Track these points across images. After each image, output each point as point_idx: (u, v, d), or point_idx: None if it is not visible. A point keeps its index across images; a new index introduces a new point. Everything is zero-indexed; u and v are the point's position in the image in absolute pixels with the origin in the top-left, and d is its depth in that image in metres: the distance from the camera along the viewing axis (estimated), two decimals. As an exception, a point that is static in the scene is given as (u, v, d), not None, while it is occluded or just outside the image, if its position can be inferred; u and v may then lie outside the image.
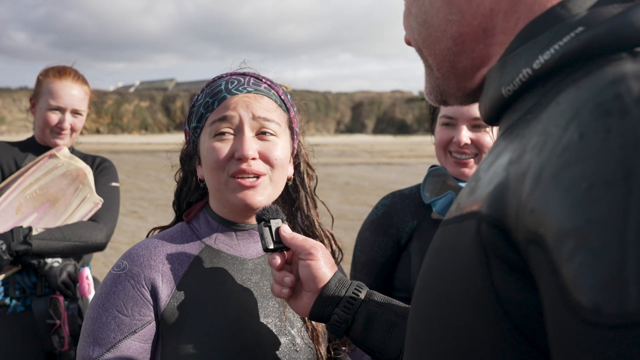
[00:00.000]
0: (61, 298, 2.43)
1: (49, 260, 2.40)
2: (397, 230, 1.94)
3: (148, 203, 14.26)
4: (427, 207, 1.95)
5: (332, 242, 1.40)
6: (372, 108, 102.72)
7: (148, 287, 1.20)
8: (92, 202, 2.54)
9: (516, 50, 0.67)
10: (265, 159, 1.25)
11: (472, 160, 1.88)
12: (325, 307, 1.12)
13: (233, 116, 1.24)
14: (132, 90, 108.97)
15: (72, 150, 2.71)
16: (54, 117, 2.54)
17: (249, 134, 1.24)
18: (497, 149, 0.65)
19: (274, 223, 1.18)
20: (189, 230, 1.32)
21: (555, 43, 0.62)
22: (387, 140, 74.28)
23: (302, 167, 1.40)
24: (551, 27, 0.64)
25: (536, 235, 0.49)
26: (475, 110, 1.82)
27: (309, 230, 1.38)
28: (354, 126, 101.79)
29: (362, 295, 1.14)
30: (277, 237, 1.17)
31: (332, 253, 1.38)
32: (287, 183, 1.35)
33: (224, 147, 1.23)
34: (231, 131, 1.24)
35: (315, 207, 1.42)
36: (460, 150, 1.87)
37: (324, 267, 1.14)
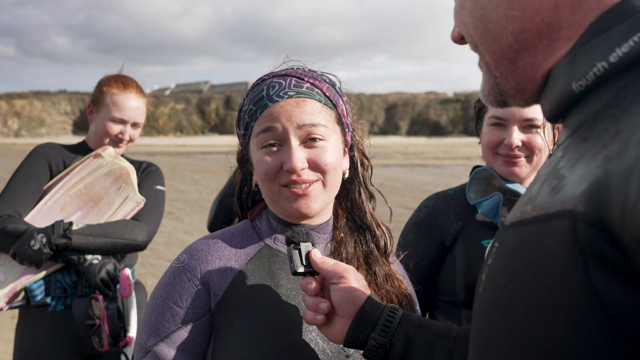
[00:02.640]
0: (100, 297, 2.42)
1: (88, 257, 2.41)
2: (441, 232, 1.90)
3: (184, 204, 14.41)
4: (472, 209, 1.91)
5: (385, 232, 1.39)
6: (406, 109, 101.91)
7: (203, 281, 1.22)
8: (134, 202, 2.56)
9: (588, 44, 0.64)
10: (315, 167, 1.23)
11: (523, 159, 1.82)
12: (361, 332, 1.08)
13: (276, 127, 1.21)
14: (167, 92, 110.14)
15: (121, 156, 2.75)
16: (116, 128, 2.63)
17: (294, 143, 1.21)
18: (577, 146, 0.61)
19: (304, 246, 1.16)
20: (251, 229, 1.33)
21: (634, 35, 0.59)
22: (421, 141, 73.64)
23: (357, 156, 1.38)
24: (627, 18, 0.62)
25: None
26: (526, 111, 1.76)
27: (361, 221, 1.37)
28: (388, 128, 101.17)
29: (397, 317, 1.10)
30: (307, 261, 1.15)
31: (385, 244, 1.37)
32: (342, 177, 1.33)
33: (272, 160, 1.22)
34: (277, 142, 1.22)
35: (371, 198, 1.40)
36: (511, 153, 1.82)
37: (357, 290, 1.11)
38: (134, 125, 2.69)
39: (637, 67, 0.59)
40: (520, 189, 1.84)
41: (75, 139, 2.80)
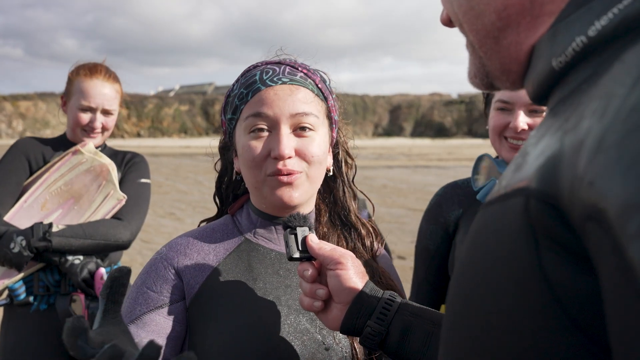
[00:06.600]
0: (82, 296, 2.39)
1: (70, 257, 2.37)
2: (445, 218, 1.95)
3: (186, 205, 14.40)
4: (475, 196, 1.91)
5: (371, 232, 1.37)
6: (411, 111, 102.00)
7: (178, 271, 1.21)
8: (115, 199, 2.50)
9: (568, 18, 0.59)
10: (302, 156, 1.20)
11: None
12: (357, 319, 1.05)
13: (268, 113, 1.19)
14: (172, 94, 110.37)
15: (104, 147, 2.70)
16: (85, 117, 2.54)
17: (285, 131, 1.19)
18: (547, 122, 0.58)
19: (300, 231, 1.12)
20: (231, 223, 1.32)
21: (613, 6, 0.54)
22: (425, 143, 73.65)
23: (341, 155, 1.37)
24: None
25: (596, 210, 0.42)
26: None
27: (346, 219, 1.36)
28: (392, 129, 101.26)
29: (395, 305, 1.06)
30: (304, 246, 1.11)
31: (371, 243, 1.36)
32: (326, 173, 1.31)
33: (260, 146, 1.19)
34: (266, 127, 1.20)
35: (354, 197, 1.38)
36: (517, 136, 1.78)
37: (354, 277, 1.07)
38: (105, 112, 2.58)
39: (618, 41, 0.54)
40: None
41: (78, 140, 2.74)
